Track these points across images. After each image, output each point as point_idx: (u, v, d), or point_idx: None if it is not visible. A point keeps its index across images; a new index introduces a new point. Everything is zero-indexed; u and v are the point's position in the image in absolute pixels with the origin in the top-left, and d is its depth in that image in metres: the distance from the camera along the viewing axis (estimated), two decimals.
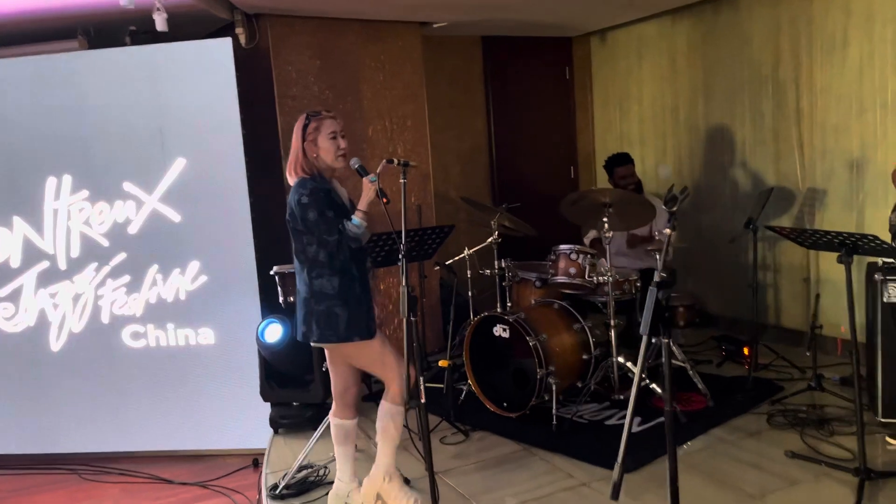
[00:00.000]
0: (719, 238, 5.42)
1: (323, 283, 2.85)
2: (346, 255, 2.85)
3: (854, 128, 4.54)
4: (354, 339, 2.89)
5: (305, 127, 2.88)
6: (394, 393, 2.99)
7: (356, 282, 2.91)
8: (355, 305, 2.89)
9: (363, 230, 2.83)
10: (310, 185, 2.83)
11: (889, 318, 3.57)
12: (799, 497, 3.01)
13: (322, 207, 2.79)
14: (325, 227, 2.78)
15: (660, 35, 5.88)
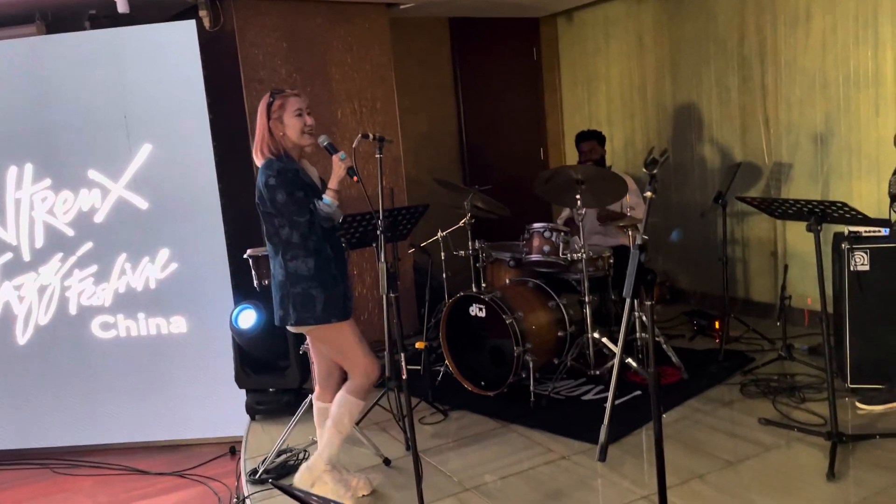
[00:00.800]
0: (689, 215, 5.49)
1: (298, 264, 2.81)
2: (319, 236, 2.81)
3: (818, 101, 4.61)
4: (332, 320, 2.85)
5: (270, 105, 2.81)
6: (356, 385, 2.93)
7: (331, 262, 2.87)
8: (331, 286, 2.85)
9: (335, 209, 2.78)
10: (276, 166, 2.77)
11: (856, 287, 3.65)
12: (773, 461, 3.07)
13: (291, 188, 2.74)
14: (296, 207, 2.74)
15: (626, 14, 5.90)
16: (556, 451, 3.34)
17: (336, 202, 2.78)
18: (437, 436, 3.67)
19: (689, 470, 3.05)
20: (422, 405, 4.00)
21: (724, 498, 2.82)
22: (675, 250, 5.80)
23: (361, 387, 2.94)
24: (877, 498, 2.71)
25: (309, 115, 2.86)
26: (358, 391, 2.95)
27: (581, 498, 2.92)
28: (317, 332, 2.91)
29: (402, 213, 3.59)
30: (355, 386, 2.94)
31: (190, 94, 4.16)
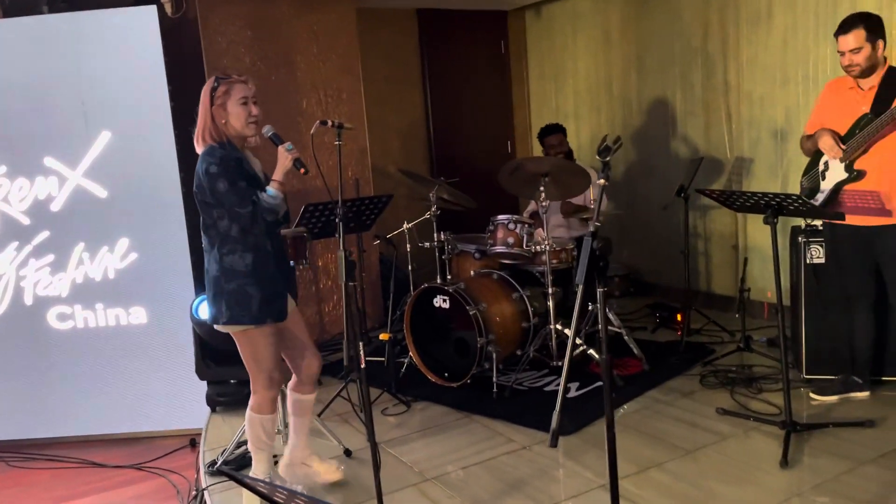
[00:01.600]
0: (653, 209, 5.54)
1: (234, 259, 2.68)
2: (260, 230, 2.69)
3: (778, 97, 4.68)
4: (268, 321, 2.74)
5: (214, 90, 2.69)
6: (260, 400, 2.84)
7: (271, 259, 2.75)
8: (270, 285, 2.74)
9: (279, 201, 2.66)
10: (219, 154, 2.64)
11: (812, 279, 3.72)
12: (729, 450, 3.12)
13: (233, 177, 2.61)
14: (237, 198, 2.60)
15: (593, 9, 5.94)
16: (518, 442, 3.36)
17: (281, 194, 2.67)
18: (400, 427, 3.67)
19: (647, 459, 3.09)
20: (385, 396, 4.00)
21: (681, 486, 2.86)
22: (641, 244, 5.86)
23: (266, 400, 2.84)
24: (828, 485, 2.77)
25: (255, 104, 2.73)
26: (265, 406, 2.84)
27: (541, 487, 2.94)
28: (244, 335, 2.77)
29: (366, 204, 3.57)
30: (260, 401, 2.83)
31: (151, 81, 4.08)
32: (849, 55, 3.22)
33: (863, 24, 3.19)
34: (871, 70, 3.24)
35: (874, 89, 3.25)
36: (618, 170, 5.99)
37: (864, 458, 2.93)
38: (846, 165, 3.30)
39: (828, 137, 3.29)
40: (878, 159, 3.22)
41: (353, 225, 3.55)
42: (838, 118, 3.34)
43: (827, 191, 3.39)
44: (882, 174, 3.23)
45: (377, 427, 3.59)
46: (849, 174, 3.30)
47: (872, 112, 3.20)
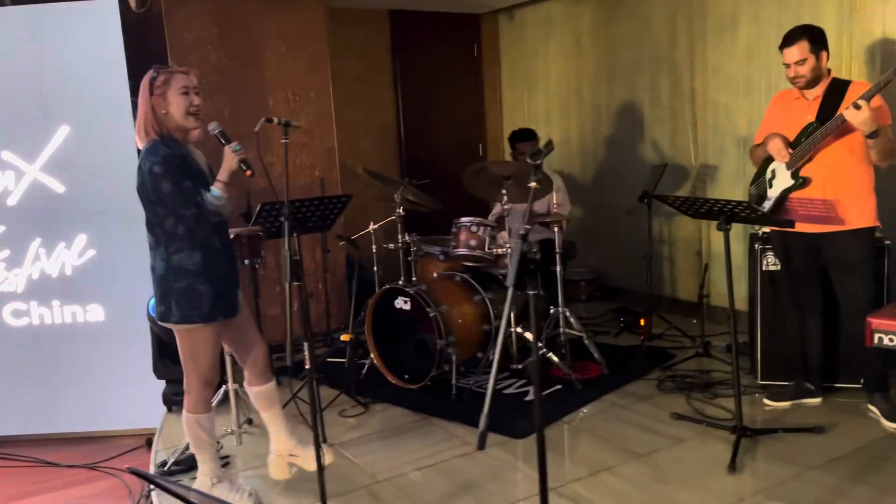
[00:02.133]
0: (620, 214, 5.57)
1: (183, 258, 2.64)
2: (206, 228, 2.66)
3: (742, 106, 4.73)
4: (219, 318, 2.72)
5: (153, 80, 2.64)
6: (195, 400, 2.81)
7: (220, 256, 2.73)
8: (220, 282, 2.71)
9: (224, 202, 2.63)
10: (162, 152, 2.58)
11: (767, 286, 3.76)
12: (681, 454, 3.14)
13: (177, 177, 2.56)
14: (182, 199, 2.56)
15: (566, 14, 5.97)
16: (473, 444, 3.35)
17: (225, 195, 2.63)
18: (356, 428, 3.65)
19: (600, 462, 3.10)
20: (344, 398, 3.98)
21: (629, 489, 2.87)
22: (608, 249, 5.90)
23: (202, 399, 2.80)
24: (773, 489, 2.80)
25: (197, 94, 2.68)
26: (200, 405, 2.81)
27: (493, 489, 2.93)
28: (189, 332, 2.72)
29: (325, 203, 3.55)
30: (195, 401, 2.80)
31: (111, 75, 4.03)
32: (794, 67, 3.28)
33: (806, 37, 3.25)
34: (816, 81, 3.30)
35: (819, 99, 3.30)
36: (586, 175, 6.02)
37: (811, 463, 2.96)
38: (792, 173, 3.35)
39: (777, 140, 3.34)
40: (822, 167, 3.27)
41: (312, 224, 3.53)
42: (785, 128, 3.39)
43: (774, 198, 3.43)
44: (826, 182, 3.28)
45: (334, 428, 3.61)
46: (795, 181, 3.34)
47: (818, 120, 3.25)
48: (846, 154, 3.25)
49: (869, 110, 2.97)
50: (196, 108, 2.66)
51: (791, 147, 3.32)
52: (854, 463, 2.94)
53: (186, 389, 2.82)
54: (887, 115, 3.19)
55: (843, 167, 3.25)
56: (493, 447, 3.32)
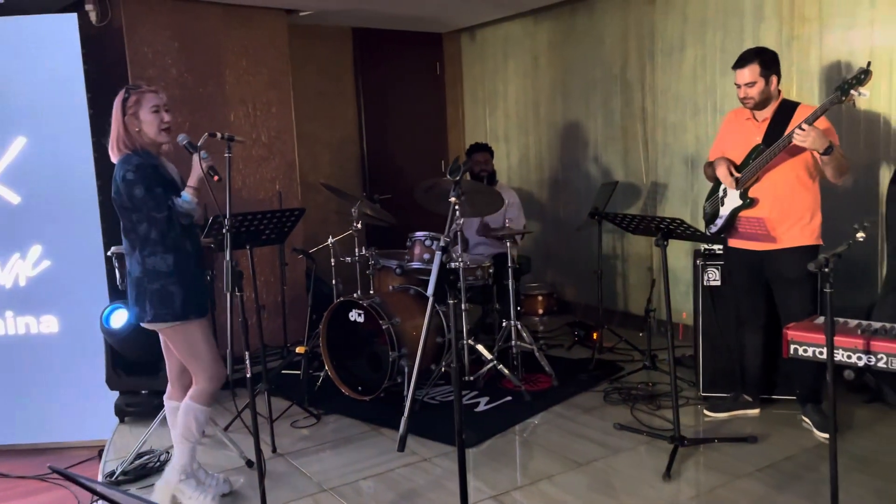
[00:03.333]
0: (574, 230, 5.70)
1: (156, 261, 2.79)
2: (178, 232, 2.80)
3: (689, 126, 4.90)
4: (191, 317, 2.84)
5: (125, 101, 2.79)
6: (200, 391, 2.91)
7: (191, 258, 2.87)
8: (191, 282, 2.86)
9: (194, 206, 2.79)
10: (135, 161, 2.75)
11: (708, 301, 3.89)
12: (619, 463, 3.24)
13: (149, 183, 2.73)
14: (154, 203, 2.73)
15: (524, 34, 6.12)
16: (420, 454, 3.43)
17: (195, 200, 2.79)
18: (307, 439, 3.70)
19: (539, 471, 3.19)
20: (297, 409, 4.02)
21: (566, 497, 2.96)
22: (563, 264, 6.02)
23: (206, 392, 2.91)
24: (705, 496, 2.91)
25: (167, 111, 2.84)
26: (202, 397, 2.92)
27: (434, 498, 3.01)
28: (171, 331, 2.87)
29: (278, 216, 3.61)
30: (199, 391, 2.91)
31: (69, 88, 4.07)
32: (744, 88, 3.41)
33: (758, 60, 3.38)
34: (765, 103, 3.43)
35: (767, 121, 3.44)
36: (543, 191, 6.16)
37: (742, 472, 3.07)
38: (741, 193, 3.49)
39: (723, 167, 3.48)
40: (769, 188, 3.41)
41: (265, 238, 3.59)
42: (736, 147, 3.53)
43: (725, 216, 3.57)
44: (773, 202, 3.42)
45: (284, 439, 3.66)
46: (743, 201, 3.48)
47: (764, 143, 3.39)
48: (791, 175, 3.38)
49: (815, 131, 3.10)
50: (167, 124, 2.83)
51: (739, 168, 3.45)
52: (781, 472, 3.06)
53: (194, 381, 2.93)
54: (834, 137, 3.31)
55: (788, 187, 3.38)
56: (439, 457, 3.39)
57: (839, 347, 2.25)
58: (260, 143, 5.25)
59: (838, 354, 2.25)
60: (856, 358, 2.23)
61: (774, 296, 3.54)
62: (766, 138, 3.40)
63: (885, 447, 3.24)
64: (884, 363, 2.19)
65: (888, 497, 2.75)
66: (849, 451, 3.18)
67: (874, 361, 2.21)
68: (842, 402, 3.69)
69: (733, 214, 3.53)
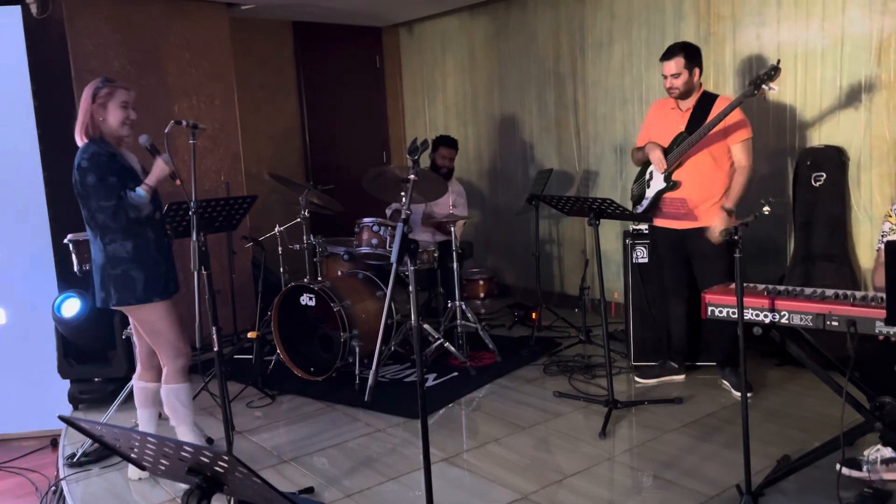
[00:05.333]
0: (513, 216, 5.98)
1: (116, 247, 2.89)
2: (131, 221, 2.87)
3: (618, 117, 5.23)
4: (154, 299, 2.96)
5: (97, 90, 2.89)
6: (168, 371, 3.06)
7: (151, 244, 2.97)
8: (152, 267, 2.96)
9: (145, 202, 2.86)
10: (91, 150, 2.84)
11: (637, 277, 4.21)
12: (559, 425, 3.51)
13: (102, 172, 2.81)
14: (103, 192, 2.81)
15: (460, 29, 6.35)
16: (374, 426, 3.62)
17: (147, 196, 2.86)
18: (263, 417, 3.85)
19: (487, 435, 3.44)
20: (251, 391, 4.16)
21: (512, 455, 3.21)
22: (503, 250, 6.30)
23: (173, 370, 3.05)
24: (635, 450, 3.21)
25: (133, 110, 2.97)
26: (173, 376, 3.06)
27: (389, 463, 3.20)
28: (137, 312, 2.99)
29: (230, 203, 3.72)
30: (168, 372, 3.05)
31: (13, 80, 4.09)
32: (670, 79, 3.72)
33: (682, 53, 3.69)
34: (688, 94, 3.75)
35: (690, 111, 3.75)
36: (482, 180, 6.41)
37: (669, 427, 3.39)
38: (665, 176, 3.80)
39: (657, 151, 3.76)
40: (690, 172, 3.73)
41: (218, 224, 3.70)
42: (661, 134, 3.83)
43: (650, 197, 3.88)
44: (693, 184, 3.74)
45: (242, 418, 3.80)
46: (667, 184, 3.80)
47: (687, 131, 3.70)
48: (709, 161, 3.70)
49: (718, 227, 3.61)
50: (131, 120, 2.96)
51: (664, 153, 3.76)
52: (704, 426, 3.39)
53: (161, 363, 3.06)
54: (746, 128, 3.66)
55: (707, 172, 3.70)
56: (394, 427, 3.60)
57: (748, 307, 2.56)
58: (204, 134, 5.30)
59: (748, 313, 2.56)
60: (762, 316, 2.54)
61: (694, 270, 3.87)
62: (688, 126, 3.71)
63: (792, 402, 3.62)
64: (786, 319, 2.50)
65: (795, 442, 3.10)
66: (762, 406, 3.55)
67: (778, 318, 2.52)
68: (756, 365, 4.08)
69: (658, 196, 3.84)
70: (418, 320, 4.28)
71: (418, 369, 2.26)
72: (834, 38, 4.08)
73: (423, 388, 2.24)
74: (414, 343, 2.34)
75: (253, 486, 1.45)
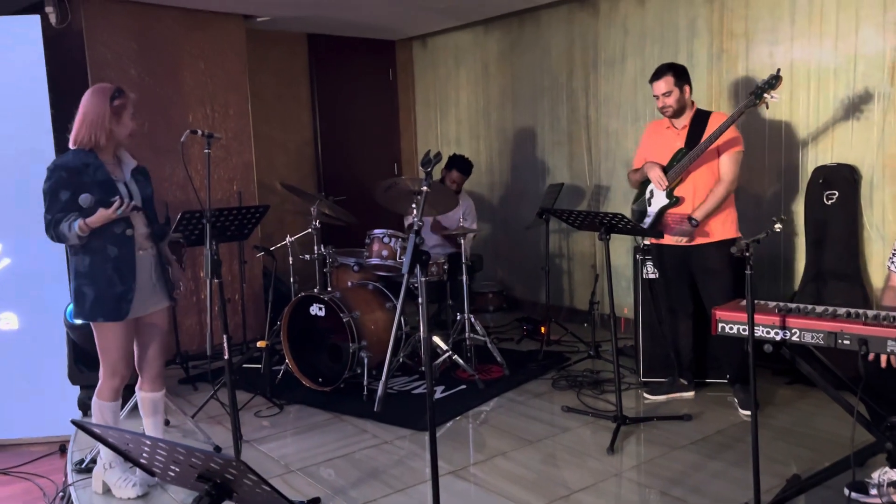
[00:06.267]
0: (523, 230, 5.98)
1: (77, 260, 2.89)
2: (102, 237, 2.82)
3: (630, 132, 5.23)
4: (98, 319, 2.90)
5: (113, 98, 2.88)
6: (99, 386, 3.03)
7: (109, 262, 2.87)
8: (105, 286, 2.87)
9: (73, 238, 2.77)
10: (63, 160, 2.84)
11: (647, 293, 4.20)
12: (567, 440, 3.50)
13: (57, 186, 2.78)
14: (47, 203, 2.80)
15: (474, 43, 6.38)
16: (381, 437, 3.62)
17: (82, 235, 2.76)
18: (271, 427, 3.85)
19: (495, 448, 3.43)
20: (260, 400, 4.17)
21: (519, 469, 3.20)
22: (513, 263, 6.30)
23: (104, 387, 3.03)
24: (643, 466, 3.19)
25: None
26: (101, 392, 3.04)
27: (396, 475, 3.20)
28: (96, 326, 2.96)
29: (242, 213, 3.76)
30: (103, 387, 3.03)
31: (32, 88, 4.13)
32: (662, 98, 3.75)
33: (671, 72, 3.73)
34: (681, 111, 3.77)
35: (686, 128, 3.77)
36: (493, 194, 6.43)
37: (677, 444, 3.37)
38: (667, 193, 3.79)
39: (657, 169, 3.77)
40: (692, 187, 3.74)
41: (230, 234, 3.73)
42: (659, 154, 3.84)
43: (653, 214, 3.87)
44: (695, 200, 3.74)
45: (249, 427, 3.80)
46: (669, 200, 3.79)
47: (686, 147, 3.72)
48: (709, 176, 3.72)
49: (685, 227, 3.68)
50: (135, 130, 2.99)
51: (664, 171, 3.77)
52: (712, 443, 3.37)
53: (100, 375, 3.05)
54: (739, 143, 3.70)
55: (707, 187, 3.72)
56: (402, 439, 3.59)
57: (759, 324, 2.55)
58: (218, 143, 5.35)
59: (758, 330, 2.55)
60: (773, 333, 2.53)
61: (699, 286, 3.85)
62: (687, 143, 3.72)
63: (802, 420, 3.59)
64: (797, 337, 2.49)
65: (805, 461, 3.08)
66: (771, 424, 3.53)
67: (789, 336, 2.51)
68: (766, 383, 4.06)
69: (661, 212, 3.83)
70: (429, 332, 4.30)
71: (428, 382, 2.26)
72: (847, 56, 4.08)
73: (432, 400, 2.24)
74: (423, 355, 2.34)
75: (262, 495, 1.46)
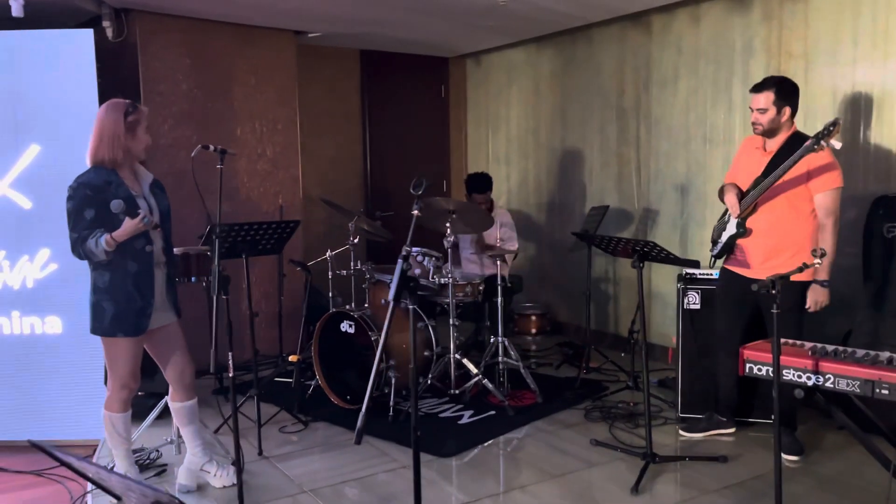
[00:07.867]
0: (568, 252, 5.83)
1: (97, 276, 2.93)
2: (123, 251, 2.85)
3: (681, 155, 5.03)
4: (118, 335, 2.94)
5: (127, 114, 2.92)
6: (108, 397, 3.11)
7: (129, 278, 2.92)
8: (124, 302, 2.92)
9: (101, 253, 2.81)
10: (84, 178, 2.88)
11: (688, 324, 4.00)
12: (592, 476, 3.34)
13: (82, 205, 2.82)
14: (72, 222, 2.84)
15: (526, 61, 6.30)
16: (400, 461, 3.54)
17: (109, 249, 2.81)
18: (293, 444, 3.82)
19: (514, 480, 3.30)
20: (285, 416, 4.16)
21: None
22: (558, 286, 6.14)
23: (110, 399, 3.09)
24: None
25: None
26: (110, 403, 3.10)
27: (409, 501, 3.11)
28: (106, 340, 3.00)
29: (274, 227, 3.76)
30: (112, 398, 3.08)
31: (84, 100, 4.25)
32: (755, 113, 3.43)
33: (774, 88, 3.38)
34: (774, 132, 3.44)
35: (773, 153, 3.44)
36: (541, 214, 6.30)
37: (709, 488, 3.17)
38: (738, 222, 3.56)
39: (732, 195, 3.53)
40: (764, 218, 3.46)
41: (262, 247, 3.74)
42: (744, 175, 3.58)
43: (722, 241, 3.66)
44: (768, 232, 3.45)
45: (270, 443, 3.79)
46: (738, 230, 3.55)
47: (763, 175, 3.41)
48: (787, 208, 3.40)
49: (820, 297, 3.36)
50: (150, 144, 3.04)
51: (743, 196, 3.51)
52: (747, 489, 3.15)
53: (107, 388, 3.10)
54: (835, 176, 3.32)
55: (783, 220, 3.41)
56: (422, 464, 3.49)
57: (790, 367, 2.36)
58: (265, 157, 5.43)
59: (789, 374, 2.36)
60: (805, 378, 2.34)
61: (766, 323, 3.52)
62: (766, 170, 3.42)
63: (850, 470, 3.32)
64: (831, 383, 2.29)
65: None
66: (816, 472, 3.28)
67: (822, 381, 2.31)
68: (814, 427, 3.79)
69: (730, 241, 3.61)
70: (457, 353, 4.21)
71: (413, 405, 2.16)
72: None
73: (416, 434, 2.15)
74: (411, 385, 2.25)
75: None
